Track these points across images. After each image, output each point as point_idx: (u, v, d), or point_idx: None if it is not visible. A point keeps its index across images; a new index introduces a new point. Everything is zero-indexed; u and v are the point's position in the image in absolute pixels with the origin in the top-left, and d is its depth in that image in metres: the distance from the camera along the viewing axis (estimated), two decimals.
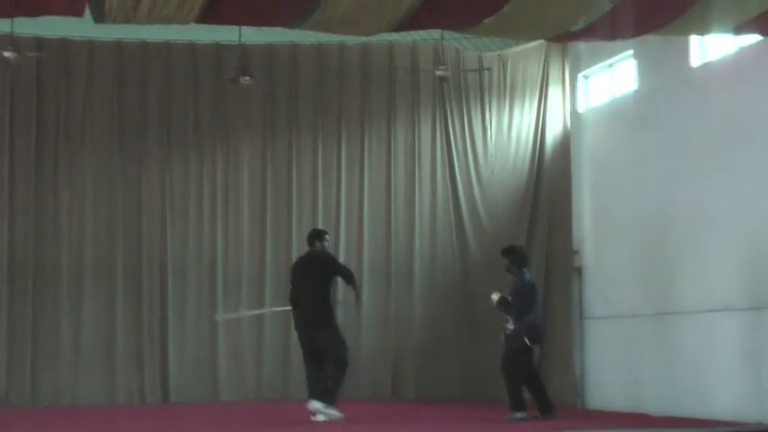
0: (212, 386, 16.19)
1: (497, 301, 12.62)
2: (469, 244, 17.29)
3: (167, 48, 16.59)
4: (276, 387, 16.55)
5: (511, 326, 12.35)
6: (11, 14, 9.91)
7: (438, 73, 16.20)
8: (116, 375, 15.89)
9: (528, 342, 12.42)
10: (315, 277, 12.43)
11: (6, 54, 14.34)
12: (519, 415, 12.22)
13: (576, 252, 15.96)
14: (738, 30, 10.53)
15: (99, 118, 16.36)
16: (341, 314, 14.89)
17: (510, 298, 12.54)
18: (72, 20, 9.11)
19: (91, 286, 16.03)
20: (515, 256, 12.90)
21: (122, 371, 15.95)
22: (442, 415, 12.29)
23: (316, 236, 12.99)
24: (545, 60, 16.81)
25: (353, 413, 12.41)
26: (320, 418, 11.84)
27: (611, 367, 15.11)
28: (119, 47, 16.40)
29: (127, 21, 8.77)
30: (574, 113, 16.50)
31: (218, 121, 16.83)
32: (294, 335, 16.36)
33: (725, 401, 12.59)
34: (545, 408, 12.59)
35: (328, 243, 13.19)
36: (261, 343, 16.56)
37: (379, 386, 16.79)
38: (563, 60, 16.64)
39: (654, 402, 13.72)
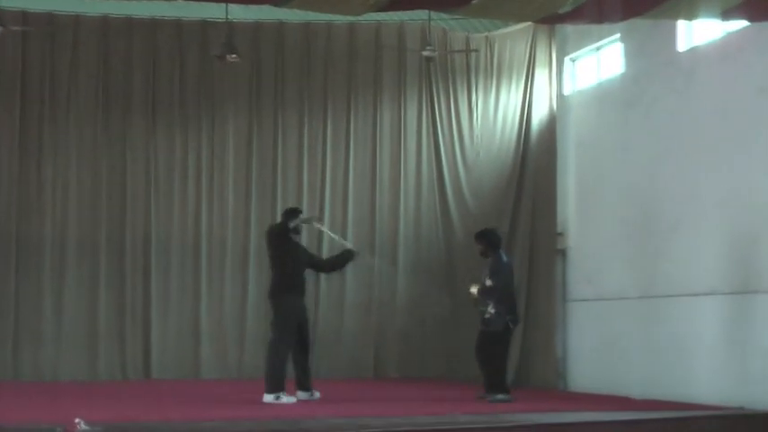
0: (194, 364, 16.18)
1: (478, 292, 12.58)
2: (454, 224, 17.30)
3: (153, 24, 16.52)
4: (258, 366, 16.51)
5: (492, 309, 12.30)
6: None
7: (425, 53, 16.16)
8: (98, 351, 15.86)
9: (510, 324, 12.39)
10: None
11: None
12: (501, 396, 12.18)
13: (560, 234, 15.98)
14: (726, 15, 10.53)
15: (84, 92, 16.28)
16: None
17: (488, 282, 12.49)
18: None
19: (74, 261, 15.97)
20: (490, 239, 12.85)
21: (104, 346, 15.91)
22: (422, 394, 12.31)
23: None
24: (532, 42, 16.79)
25: (333, 392, 12.42)
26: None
27: (593, 350, 15.16)
28: (105, 22, 16.32)
29: None
30: (560, 96, 16.50)
31: (203, 98, 16.77)
32: None
33: (708, 385, 12.63)
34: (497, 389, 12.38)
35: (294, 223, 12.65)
36: (243, 322, 16.54)
37: (361, 366, 16.81)
38: (550, 43, 16.63)
39: (636, 385, 13.76)
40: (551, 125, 16.36)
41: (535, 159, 16.57)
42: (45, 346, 15.64)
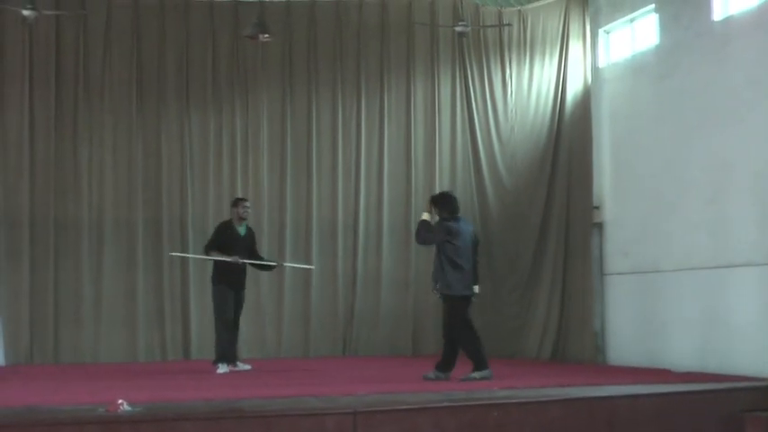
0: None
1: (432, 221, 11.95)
2: (489, 200, 17.30)
3: (185, 5, 16.56)
4: (297, 345, 16.63)
5: (438, 284, 11.76)
6: None
7: (457, 29, 16.12)
8: (137, 332, 15.96)
9: (463, 295, 11.80)
10: None
11: (26, 13, 14.33)
12: (479, 374, 11.66)
13: (597, 208, 15.91)
14: None
15: (118, 75, 16.33)
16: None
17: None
18: None
19: (112, 242, 16.05)
20: (437, 201, 12.13)
21: (144, 328, 16.02)
22: (458, 370, 12.28)
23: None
24: (565, 16, 16.68)
25: (371, 370, 12.45)
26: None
27: (631, 323, 15.11)
28: (136, 4, 16.37)
29: None
30: (594, 69, 16.38)
31: (236, 79, 16.79)
32: (313, 292, 16.58)
33: (747, 356, 12.57)
34: (445, 366, 11.90)
35: (235, 210, 13.84)
36: (281, 300, 16.61)
37: (399, 344, 16.86)
38: (583, 15, 16.51)
39: (675, 358, 13.72)
40: (586, 98, 16.26)
41: (570, 133, 16.47)
42: (85, 329, 15.75)
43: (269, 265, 14.29)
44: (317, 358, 16.12)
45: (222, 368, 13.22)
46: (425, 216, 12.02)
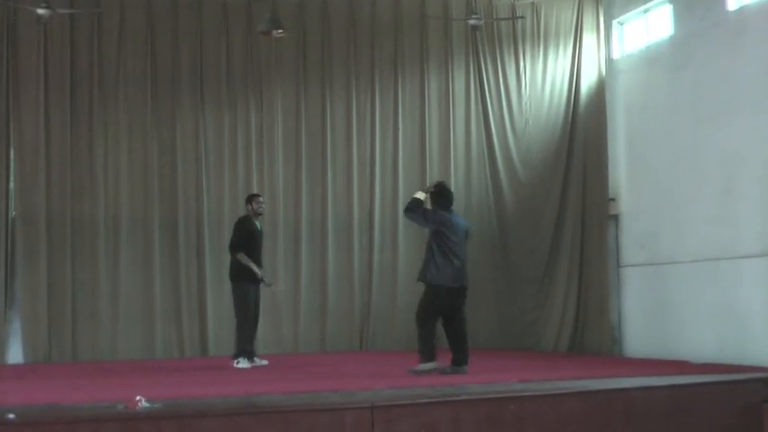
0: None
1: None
2: (505, 193, 17.31)
3: (198, 1, 16.56)
4: (313, 340, 16.65)
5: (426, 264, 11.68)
6: None
7: (471, 22, 16.11)
8: (155, 329, 15.96)
9: (444, 286, 11.61)
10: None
11: (40, 11, 14.36)
12: (422, 367, 11.50)
13: (612, 200, 15.90)
14: None
15: (132, 72, 16.32)
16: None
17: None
18: None
19: (128, 240, 16.04)
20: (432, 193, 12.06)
21: (161, 325, 16.03)
22: (475, 364, 12.28)
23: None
24: (579, 7, 16.69)
25: (388, 364, 12.46)
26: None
27: (648, 315, 15.10)
28: (150, 1, 16.37)
29: None
30: (609, 60, 16.38)
31: (251, 74, 16.80)
32: (329, 288, 16.61)
33: (763, 347, 12.57)
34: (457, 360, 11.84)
35: (251, 206, 13.95)
36: (297, 296, 16.63)
37: (415, 337, 16.79)
38: (597, 7, 16.51)
39: (692, 349, 13.70)
40: (600, 90, 16.25)
41: (585, 125, 16.46)
42: (102, 327, 15.76)
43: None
44: (334, 353, 16.15)
45: (243, 363, 13.27)
46: (420, 195, 11.98)
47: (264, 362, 13.62)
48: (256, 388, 10.23)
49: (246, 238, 13.61)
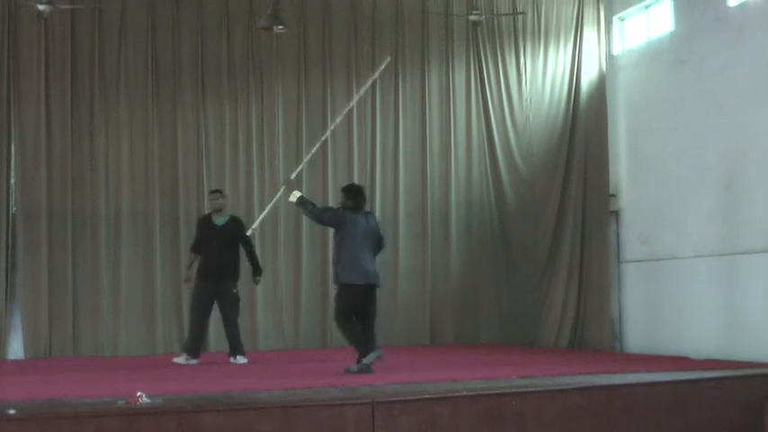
0: (251, 336, 16.21)
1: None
2: (505, 189, 17.31)
3: None
4: (314, 336, 16.63)
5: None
6: None
7: (471, 18, 16.12)
8: (156, 324, 15.96)
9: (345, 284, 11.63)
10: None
11: (41, 7, 14.36)
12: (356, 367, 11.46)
13: (613, 195, 15.91)
14: None
15: (133, 66, 16.28)
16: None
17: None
18: None
19: (129, 234, 16.00)
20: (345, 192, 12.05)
21: (162, 320, 16.02)
22: (477, 359, 12.29)
23: None
24: (580, 3, 16.70)
25: (391, 359, 12.46)
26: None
27: (648, 311, 15.10)
28: None
29: None
30: (609, 56, 16.39)
31: (251, 69, 16.77)
32: (330, 283, 16.55)
33: (765, 343, 12.56)
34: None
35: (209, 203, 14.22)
36: (298, 293, 16.60)
37: (416, 333, 16.88)
38: (598, 2, 16.53)
39: (692, 345, 13.71)
40: (601, 86, 16.26)
41: (585, 121, 16.47)
42: (103, 322, 15.75)
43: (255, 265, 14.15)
44: (335, 349, 16.13)
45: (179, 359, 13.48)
46: (294, 196, 12.02)
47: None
48: (257, 383, 10.24)
49: (197, 237, 13.85)
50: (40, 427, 7.71)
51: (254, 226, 13.67)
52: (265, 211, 13.90)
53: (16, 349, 15.38)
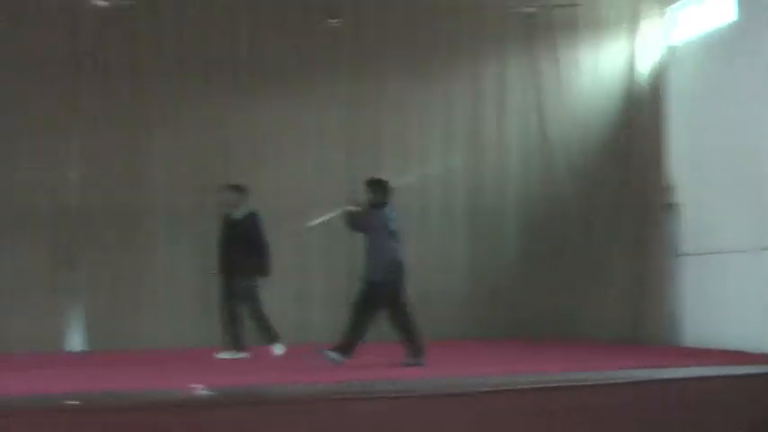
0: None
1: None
2: (560, 182, 17.12)
3: None
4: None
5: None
6: None
7: (526, 10, 16.05)
8: (200, 318, 15.65)
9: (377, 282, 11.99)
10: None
11: (99, 2, 14.50)
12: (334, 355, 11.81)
13: (670, 188, 15.79)
14: None
15: (190, 61, 16.33)
16: None
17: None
18: None
19: (186, 229, 16.00)
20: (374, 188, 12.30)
21: (207, 313, 15.89)
22: (518, 353, 12.25)
23: None
24: None
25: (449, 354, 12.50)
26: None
27: (706, 304, 14.97)
28: None
29: None
30: (667, 47, 16.22)
31: (306, 64, 16.77)
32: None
33: None
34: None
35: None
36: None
37: (476, 326, 16.76)
38: None
39: (750, 340, 13.58)
40: (658, 77, 16.11)
41: (642, 113, 16.35)
42: (160, 315, 15.79)
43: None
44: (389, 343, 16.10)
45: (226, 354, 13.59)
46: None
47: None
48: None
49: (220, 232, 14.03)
50: (101, 417, 7.83)
51: (314, 222, 13.60)
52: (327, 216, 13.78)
53: (74, 342, 15.53)
